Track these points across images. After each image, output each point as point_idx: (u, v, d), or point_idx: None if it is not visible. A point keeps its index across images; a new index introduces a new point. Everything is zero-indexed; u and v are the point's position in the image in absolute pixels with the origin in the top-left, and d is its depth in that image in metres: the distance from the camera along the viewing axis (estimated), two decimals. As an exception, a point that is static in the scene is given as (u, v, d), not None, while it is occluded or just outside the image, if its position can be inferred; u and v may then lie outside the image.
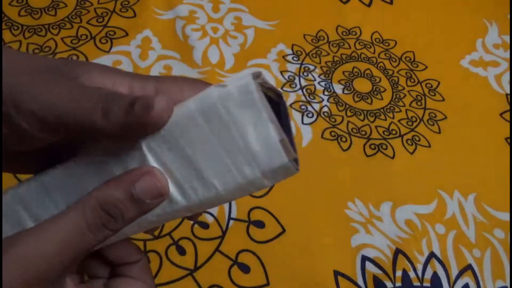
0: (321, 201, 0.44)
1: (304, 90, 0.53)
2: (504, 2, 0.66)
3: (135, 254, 0.25)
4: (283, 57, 0.56)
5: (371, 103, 0.53)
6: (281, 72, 0.54)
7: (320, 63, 0.56)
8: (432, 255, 0.42)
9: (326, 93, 0.53)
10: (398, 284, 0.40)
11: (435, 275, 0.41)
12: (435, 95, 0.54)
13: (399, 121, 0.51)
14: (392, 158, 0.48)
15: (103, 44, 0.53)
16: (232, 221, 0.42)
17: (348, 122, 0.50)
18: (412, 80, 0.56)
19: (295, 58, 0.56)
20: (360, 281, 0.40)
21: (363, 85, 0.54)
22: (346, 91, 0.53)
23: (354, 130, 0.50)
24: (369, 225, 0.43)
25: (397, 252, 0.41)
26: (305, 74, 0.54)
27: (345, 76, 0.55)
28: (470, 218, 0.45)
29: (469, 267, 0.41)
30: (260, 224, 0.42)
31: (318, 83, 0.54)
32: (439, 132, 0.51)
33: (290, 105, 0.51)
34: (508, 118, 0.53)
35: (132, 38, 0.54)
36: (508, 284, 0.41)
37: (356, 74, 0.55)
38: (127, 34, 0.55)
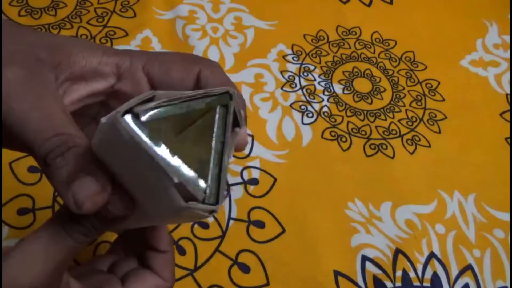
0: (321, 201, 0.44)
1: (304, 90, 0.53)
2: (504, 2, 0.66)
3: (165, 244, 0.26)
4: (283, 57, 0.56)
5: (371, 103, 0.53)
6: (281, 72, 0.54)
7: (320, 63, 0.56)
8: (432, 255, 0.42)
9: (326, 93, 0.53)
10: (398, 284, 0.40)
11: (435, 275, 0.41)
12: (435, 95, 0.55)
13: (399, 121, 0.51)
14: (392, 158, 0.48)
15: (103, 44, 0.53)
16: (232, 221, 0.42)
17: (348, 122, 0.50)
18: (412, 80, 0.56)
19: (295, 58, 0.56)
20: (360, 281, 0.40)
21: (363, 85, 0.54)
22: (346, 91, 0.53)
23: (354, 130, 0.50)
24: (369, 225, 0.43)
25: (397, 252, 0.41)
26: (305, 74, 0.54)
27: (345, 76, 0.55)
28: (470, 218, 0.45)
29: (469, 267, 0.41)
30: (260, 224, 0.42)
31: (318, 83, 0.54)
32: (439, 132, 0.51)
33: (290, 105, 0.51)
34: (508, 118, 0.53)
35: (132, 38, 0.54)
36: (508, 284, 0.41)
37: (356, 74, 0.55)
38: (127, 34, 0.55)
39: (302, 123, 0.50)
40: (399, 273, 0.40)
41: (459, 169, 0.48)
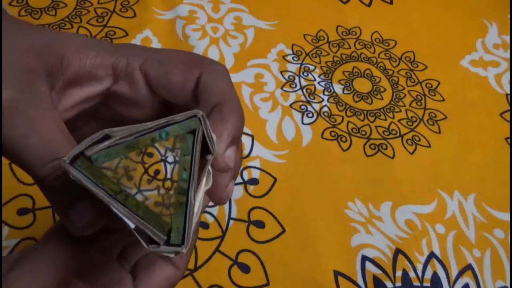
0: (321, 201, 0.44)
1: (304, 90, 0.53)
2: (504, 2, 0.66)
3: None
4: (283, 57, 0.56)
5: (371, 103, 0.53)
6: (281, 72, 0.54)
7: (320, 63, 0.56)
8: (432, 255, 0.42)
9: (326, 93, 0.53)
10: (398, 284, 0.40)
11: (435, 275, 0.41)
12: (435, 95, 0.55)
13: (399, 121, 0.51)
14: (392, 158, 0.48)
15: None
16: (232, 221, 0.42)
17: (348, 122, 0.50)
18: (412, 80, 0.56)
19: (295, 58, 0.56)
20: (360, 281, 0.40)
21: (363, 85, 0.54)
22: (346, 91, 0.53)
23: (354, 130, 0.50)
24: (369, 225, 0.43)
25: (397, 252, 0.41)
26: (305, 74, 0.54)
27: (345, 76, 0.55)
28: (470, 218, 0.45)
29: (469, 267, 0.41)
30: (260, 224, 0.42)
31: (318, 83, 0.54)
32: (439, 132, 0.51)
33: (290, 105, 0.51)
34: (508, 118, 0.53)
35: (132, 38, 0.54)
36: (508, 284, 0.41)
37: (356, 74, 0.55)
38: (127, 34, 0.55)
39: (302, 123, 0.50)
40: (399, 273, 0.40)
41: (459, 169, 0.48)
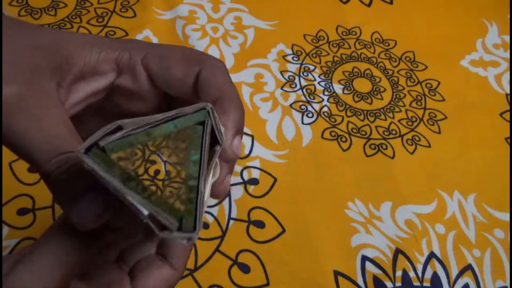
0: (321, 201, 0.44)
1: (304, 90, 0.53)
2: (504, 2, 0.66)
3: None
4: (283, 57, 0.56)
5: (371, 103, 0.53)
6: (281, 72, 0.54)
7: (320, 63, 0.56)
8: (432, 255, 0.42)
9: (326, 93, 0.53)
10: (398, 284, 0.40)
11: (435, 275, 0.41)
12: (435, 95, 0.55)
13: (399, 121, 0.51)
14: (392, 158, 0.48)
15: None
16: (232, 221, 0.42)
17: (348, 122, 0.50)
18: (412, 80, 0.56)
19: (295, 58, 0.56)
20: (360, 281, 0.40)
21: (363, 85, 0.54)
22: (346, 91, 0.53)
23: (354, 130, 0.50)
24: (369, 225, 0.43)
25: (397, 252, 0.41)
26: (305, 74, 0.54)
27: (345, 76, 0.55)
28: (470, 218, 0.45)
29: (469, 267, 0.41)
30: (260, 224, 0.42)
31: (318, 83, 0.54)
32: (439, 132, 0.51)
33: (290, 105, 0.51)
34: (508, 118, 0.53)
35: (132, 38, 0.54)
36: (508, 284, 0.41)
37: (356, 74, 0.55)
38: (127, 34, 0.55)
39: (302, 123, 0.50)
40: (399, 273, 0.40)
41: (459, 169, 0.48)
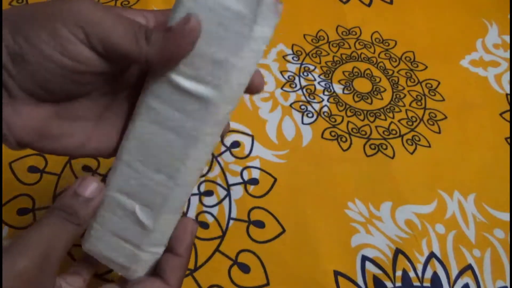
0: (321, 201, 0.44)
1: (304, 90, 0.53)
2: (504, 2, 0.66)
3: (183, 248, 0.26)
4: (283, 57, 0.56)
5: (371, 103, 0.53)
6: (281, 72, 0.54)
7: (320, 63, 0.56)
8: (432, 255, 0.42)
9: (326, 93, 0.53)
10: (398, 284, 0.40)
11: (435, 275, 0.41)
12: (435, 95, 0.55)
13: (399, 121, 0.51)
14: (392, 158, 0.48)
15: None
16: (232, 221, 0.42)
17: (348, 122, 0.50)
18: (412, 80, 0.56)
19: (295, 58, 0.56)
20: (360, 281, 0.40)
21: (363, 85, 0.54)
22: (346, 91, 0.53)
23: (354, 130, 0.50)
24: (369, 225, 0.43)
25: (397, 252, 0.41)
26: (305, 74, 0.54)
27: (345, 76, 0.55)
28: (470, 218, 0.45)
29: (469, 267, 0.41)
30: (260, 224, 0.42)
31: (318, 83, 0.54)
32: (439, 132, 0.51)
33: (290, 105, 0.51)
34: (508, 118, 0.53)
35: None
36: (508, 284, 0.41)
37: (356, 74, 0.55)
38: (127, 34, 0.55)
39: (302, 123, 0.50)
40: (399, 273, 0.40)
41: (459, 169, 0.48)
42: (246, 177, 0.45)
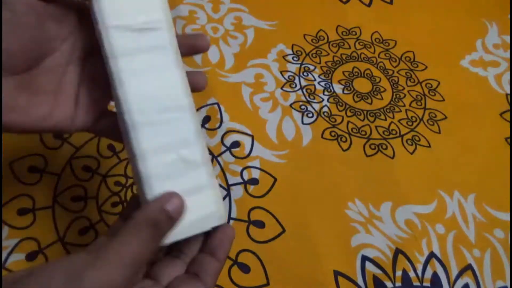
0: (321, 201, 0.44)
1: (304, 90, 0.53)
2: (504, 2, 0.66)
3: (224, 252, 0.26)
4: (283, 57, 0.56)
5: (371, 103, 0.53)
6: (281, 72, 0.54)
7: (320, 63, 0.56)
8: (432, 255, 0.42)
9: (326, 93, 0.53)
10: (398, 284, 0.40)
11: (435, 275, 0.41)
12: (435, 95, 0.55)
13: (399, 121, 0.51)
14: (392, 158, 0.48)
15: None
16: (232, 221, 0.42)
17: (348, 122, 0.50)
18: (412, 80, 0.56)
19: (295, 58, 0.56)
20: (360, 281, 0.40)
21: (363, 85, 0.54)
22: (346, 91, 0.53)
23: (354, 130, 0.50)
24: (369, 225, 0.43)
25: (397, 252, 0.41)
26: (305, 74, 0.54)
27: (345, 76, 0.55)
28: (470, 218, 0.45)
29: (469, 267, 0.41)
30: (260, 224, 0.42)
31: (318, 83, 0.54)
32: (439, 132, 0.51)
33: (290, 105, 0.51)
34: (508, 118, 0.53)
35: None
36: (508, 284, 0.41)
37: (356, 74, 0.55)
38: (127, 34, 0.55)
39: (302, 123, 0.50)
40: (399, 273, 0.40)
41: (459, 169, 0.48)
42: (246, 177, 0.45)
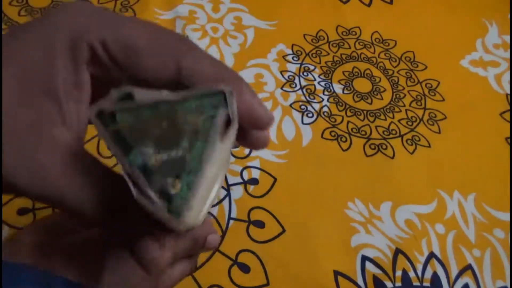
0: (321, 201, 0.44)
1: (304, 90, 0.53)
2: (504, 2, 0.66)
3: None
4: (283, 57, 0.56)
5: (371, 103, 0.53)
6: (281, 72, 0.54)
7: (320, 63, 0.56)
8: (432, 255, 0.42)
9: (326, 93, 0.53)
10: (398, 284, 0.40)
11: (435, 275, 0.41)
12: (435, 95, 0.55)
13: (399, 121, 0.51)
14: (392, 158, 0.48)
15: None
16: (232, 221, 0.42)
17: (348, 122, 0.50)
18: (412, 80, 0.56)
19: (295, 58, 0.56)
20: (360, 281, 0.40)
21: (363, 85, 0.54)
22: (346, 91, 0.53)
23: (354, 130, 0.50)
24: (369, 225, 0.43)
25: (397, 252, 0.41)
26: (305, 74, 0.54)
27: (345, 76, 0.55)
28: (470, 218, 0.45)
29: (469, 267, 0.41)
30: (260, 224, 0.42)
31: (318, 83, 0.54)
32: (439, 132, 0.51)
33: (290, 105, 0.51)
34: (508, 118, 0.53)
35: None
36: (508, 284, 0.41)
37: (356, 74, 0.55)
38: (127, 34, 0.55)
39: (302, 123, 0.50)
40: (399, 273, 0.40)
41: (459, 169, 0.48)
42: (246, 177, 0.45)
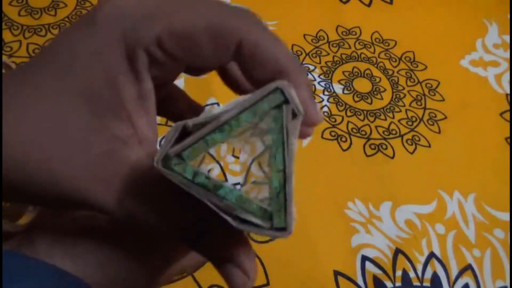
0: (321, 201, 0.44)
1: (304, 90, 0.53)
2: (504, 2, 0.66)
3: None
4: (283, 57, 0.55)
5: (371, 103, 0.53)
6: (281, 72, 0.54)
7: (320, 63, 0.56)
8: (432, 255, 0.42)
9: (326, 93, 0.53)
10: (398, 284, 0.40)
11: (435, 275, 0.41)
12: (435, 95, 0.55)
13: (399, 121, 0.51)
14: (392, 158, 0.48)
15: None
16: (232, 221, 0.42)
17: (348, 122, 0.50)
18: (412, 80, 0.56)
19: (295, 58, 0.56)
20: (360, 281, 0.40)
21: (363, 85, 0.54)
22: (346, 91, 0.53)
23: (354, 130, 0.50)
24: (369, 225, 0.43)
25: (397, 252, 0.41)
26: (305, 74, 0.54)
27: (345, 76, 0.55)
28: (470, 218, 0.45)
29: (469, 267, 0.41)
30: (260, 224, 0.42)
31: (318, 83, 0.54)
32: (439, 132, 0.51)
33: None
34: (508, 118, 0.53)
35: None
36: (508, 284, 0.41)
37: (356, 74, 0.55)
38: (127, 34, 0.55)
39: (302, 123, 0.50)
40: (399, 273, 0.40)
41: (459, 169, 0.48)
42: (246, 177, 0.45)
